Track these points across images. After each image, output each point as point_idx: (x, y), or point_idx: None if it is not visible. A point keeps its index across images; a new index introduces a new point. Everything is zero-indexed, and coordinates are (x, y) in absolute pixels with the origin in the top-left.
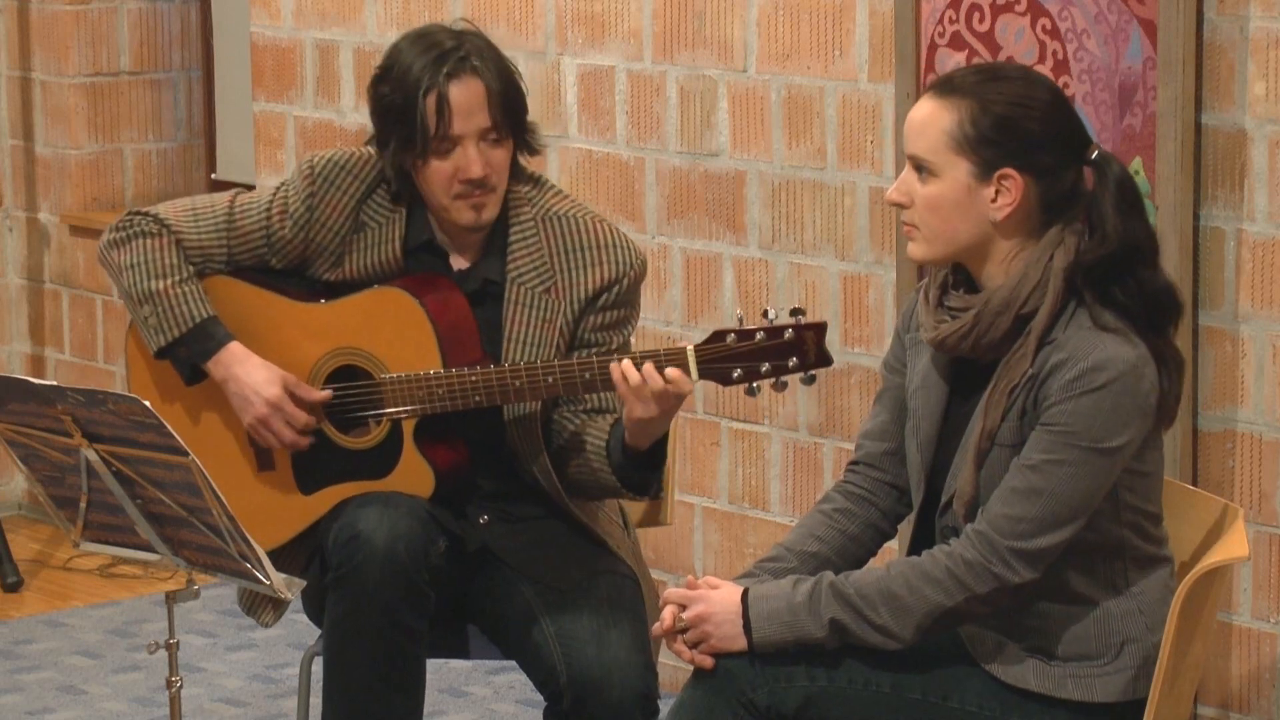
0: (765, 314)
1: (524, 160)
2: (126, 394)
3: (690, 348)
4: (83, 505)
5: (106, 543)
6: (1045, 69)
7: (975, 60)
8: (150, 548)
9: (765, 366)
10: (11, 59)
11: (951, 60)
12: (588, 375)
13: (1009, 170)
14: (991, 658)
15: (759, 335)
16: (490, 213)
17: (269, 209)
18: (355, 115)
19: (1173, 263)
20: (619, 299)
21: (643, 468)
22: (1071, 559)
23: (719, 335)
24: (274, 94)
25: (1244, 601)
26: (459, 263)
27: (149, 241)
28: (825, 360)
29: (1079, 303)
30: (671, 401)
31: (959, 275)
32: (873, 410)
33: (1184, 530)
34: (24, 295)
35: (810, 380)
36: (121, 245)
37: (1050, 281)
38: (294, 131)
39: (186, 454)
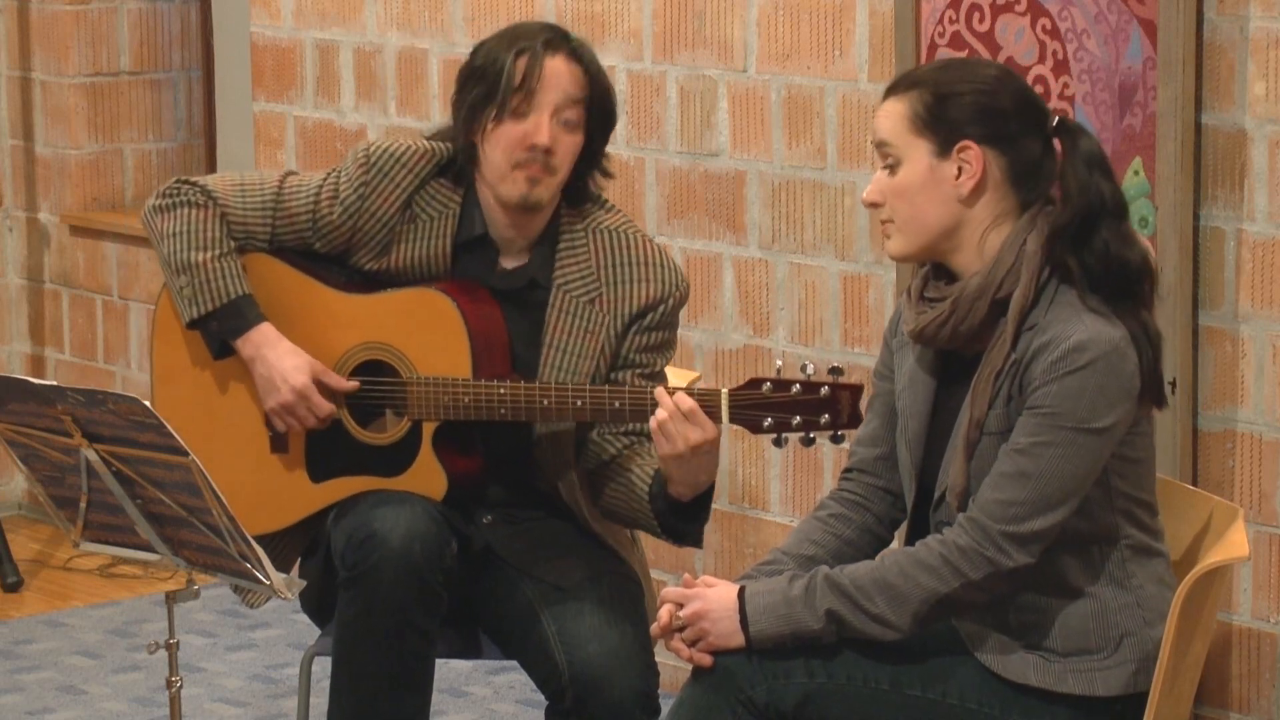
0: (804, 368)
1: (594, 186)
2: (126, 394)
3: (724, 391)
4: (83, 505)
5: (106, 543)
6: (1045, 69)
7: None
8: (150, 548)
9: (797, 420)
10: (11, 59)
11: None
12: (617, 404)
13: (966, 142)
14: (991, 653)
15: (795, 388)
16: (542, 192)
17: (318, 192)
18: (355, 115)
19: (1173, 263)
20: (663, 320)
21: (684, 519)
22: (1068, 550)
23: (755, 383)
24: (274, 94)
25: (1244, 601)
26: (508, 262)
27: (194, 212)
28: (857, 421)
29: (1060, 281)
30: (695, 431)
31: (939, 270)
32: (865, 418)
33: (1184, 530)
34: (24, 295)
35: (839, 440)
36: (166, 212)
37: (1024, 265)
38: (294, 131)
39: (186, 454)
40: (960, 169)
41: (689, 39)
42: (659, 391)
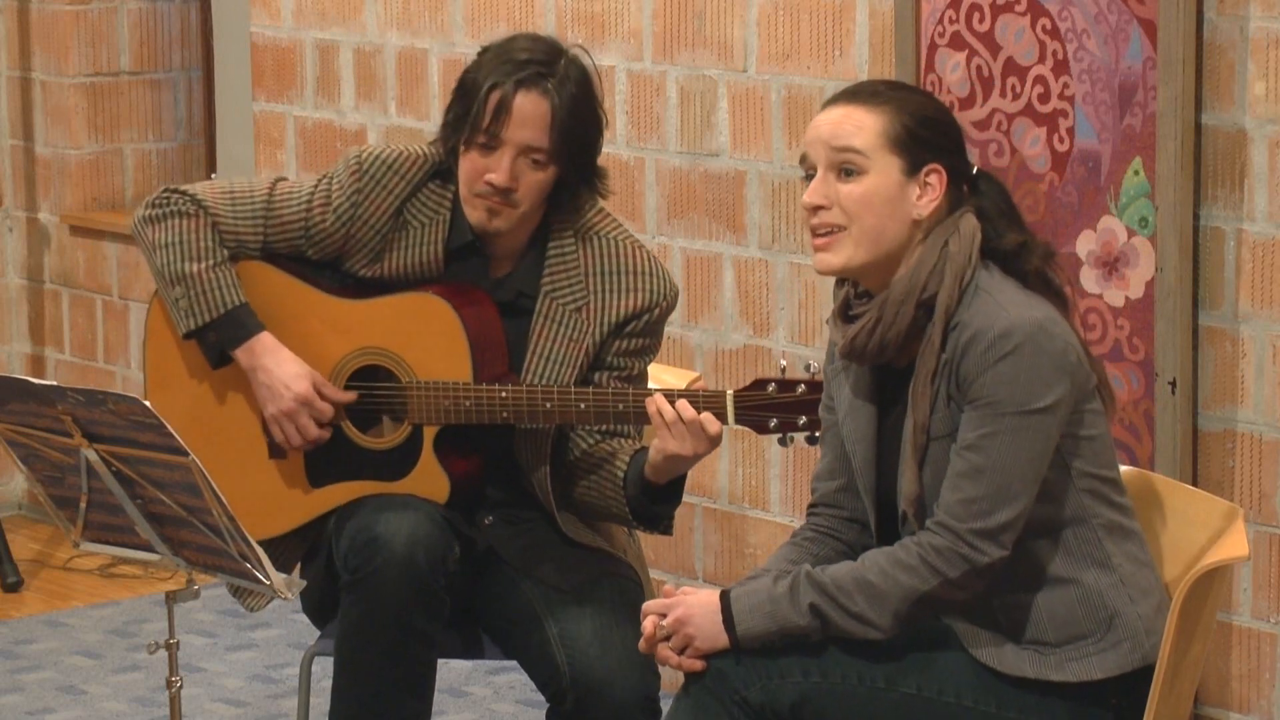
0: (808, 367)
1: (585, 199)
2: (126, 394)
3: (730, 393)
4: (83, 505)
5: (106, 543)
6: (1045, 69)
7: (975, 61)
8: (150, 548)
9: (802, 420)
10: (11, 59)
11: (951, 60)
12: (620, 406)
13: (937, 166)
14: (987, 649)
15: (800, 388)
16: (501, 223)
17: (310, 200)
18: (355, 115)
19: (1173, 263)
20: (647, 328)
21: (657, 502)
22: (1043, 537)
23: (760, 384)
24: (274, 94)
25: (1244, 601)
26: (497, 269)
27: (185, 222)
28: None
29: (984, 276)
30: (704, 443)
31: (859, 290)
32: (820, 452)
33: (1184, 530)
34: (24, 295)
35: None
36: (157, 223)
37: (948, 265)
38: (294, 131)
39: (186, 454)
40: (922, 191)
41: (689, 39)
42: (659, 398)
